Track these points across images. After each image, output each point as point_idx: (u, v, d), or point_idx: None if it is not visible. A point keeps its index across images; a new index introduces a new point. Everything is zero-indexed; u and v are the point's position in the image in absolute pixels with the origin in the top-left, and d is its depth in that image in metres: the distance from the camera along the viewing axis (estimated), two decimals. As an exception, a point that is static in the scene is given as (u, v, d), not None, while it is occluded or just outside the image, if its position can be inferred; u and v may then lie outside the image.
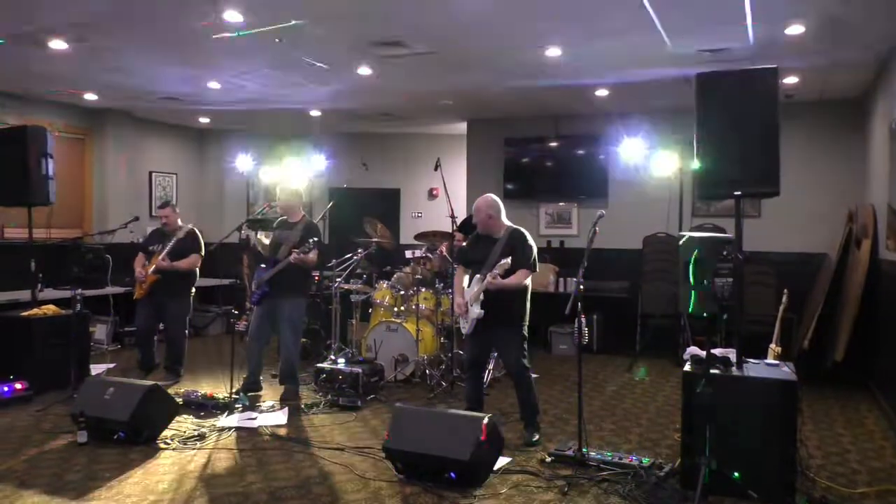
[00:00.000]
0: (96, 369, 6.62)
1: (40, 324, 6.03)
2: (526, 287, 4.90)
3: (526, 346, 4.93)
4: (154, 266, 6.32)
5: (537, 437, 4.84)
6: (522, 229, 4.98)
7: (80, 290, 6.06)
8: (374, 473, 4.20)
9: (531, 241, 4.91)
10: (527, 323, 4.96)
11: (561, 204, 9.08)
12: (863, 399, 6.08)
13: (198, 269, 6.63)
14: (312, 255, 5.72)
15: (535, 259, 4.88)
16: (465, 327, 4.94)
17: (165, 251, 6.33)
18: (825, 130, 7.84)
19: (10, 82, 7.48)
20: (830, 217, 7.55)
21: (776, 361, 4.22)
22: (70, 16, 5.15)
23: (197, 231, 6.64)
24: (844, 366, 5.98)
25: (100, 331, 8.01)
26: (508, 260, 4.63)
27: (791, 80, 6.76)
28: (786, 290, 5.24)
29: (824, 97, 7.63)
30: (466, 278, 5.03)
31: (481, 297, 4.76)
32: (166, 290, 6.37)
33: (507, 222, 5.00)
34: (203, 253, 6.56)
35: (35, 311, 6.13)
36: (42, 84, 7.54)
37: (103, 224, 8.66)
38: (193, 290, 6.66)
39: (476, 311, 4.78)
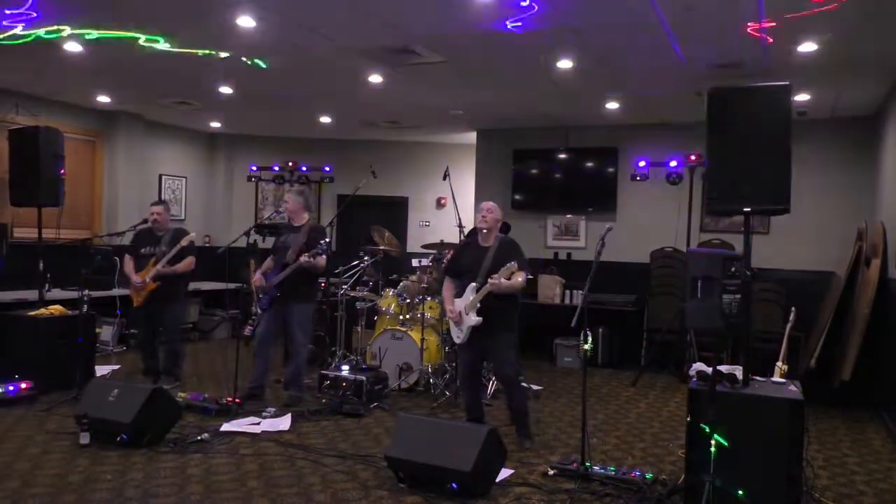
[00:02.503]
0: (101, 370, 6.63)
1: (47, 324, 6.06)
2: (519, 294, 4.97)
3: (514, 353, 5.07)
4: (154, 272, 6.16)
5: (529, 443, 4.92)
6: (512, 237, 5.14)
7: (87, 291, 6.06)
8: (376, 482, 4.18)
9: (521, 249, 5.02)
10: (516, 330, 5.08)
11: (569, 216, 9.06)
12: (870, 420, 6.03)
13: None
14: (321, 260, 5.72)
15: (528, 267, 4.95)
16: (459, 336, 4.98)
17: (167, 258, 6.16)
18: (836, 148, 7.82)
19: (24, 83, 7.54)
20: (840, 235, 7.51)
21: (783, 380, 4.19)
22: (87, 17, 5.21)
23: (193, 237, 6.49)
24: (852, 386, 5.93)
25: (106, 332, 8.03)
26: (515, 263, 4.66)
27: (803, 97, 6.75)
28: (793, 308, 5.20)
29: (836, 114, 7.61)
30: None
31: (478, 304, 4.80)
32: (162, 295, 6.22)
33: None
34: (195, 254, 6.42)
35: (42, 310, 6.16)
36: (56, 85, 7.61)
37: (112, 226, 8.70)
38: (186, 291, 6.58)
39: (473, 318, 4.80)
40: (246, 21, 5.09)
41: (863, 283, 6.31)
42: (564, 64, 5.94)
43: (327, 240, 5.74)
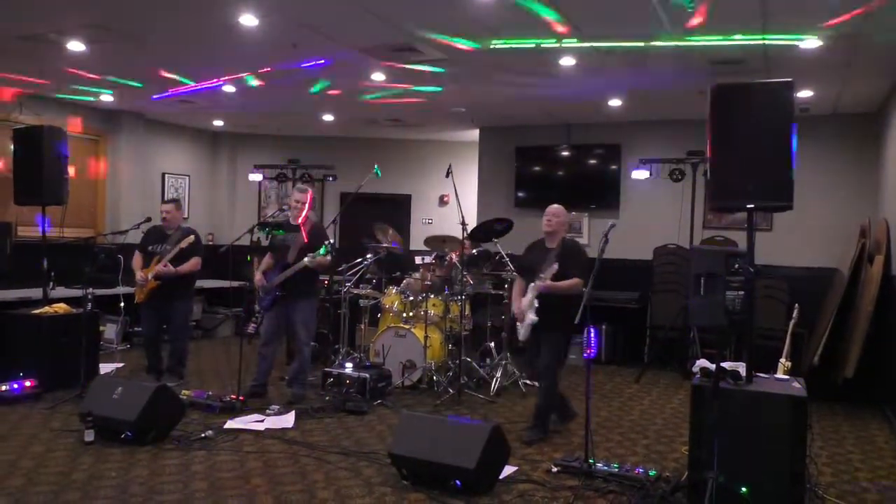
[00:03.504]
0: (105, 368, 6.65)
1: (51, 322, 6.07)
2: (579, 295, 4.96)
3: (562, 355, 5.19)
4: (155, 272, 6.15)
5: (530, 437, 5.01)
6: (577, 240, 5.18)
7: (91, 290, 6.08)
8: (380, 479, 4.19)
9: (584, 252, 5.13)
10: (571, 332, 5.14)
11: (571, 213, 9.02)
12: (873, 416, 6.02)
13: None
14: (327, 259, 5.72)
15: (587, 269, 4.94)
16: (522, 333, 5.13)
17: (168, 258, 6.15)
18: (839, 144, 7.80)
19: (27, 83, 7.55)
20: (843, 232, 7.49)
21: (786, 376, 4.19)
22: (91, 16, 5.21)
23: (199, 235, 6.48)
24: (855, 382, 5.92)
25: (109, 330, 8.05)
26: (556, 265, 4.80)
27: (806, 93, 6.74)
28: (797, 305, 5.21)
29: (839, 111, 7.59)
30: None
31: (535, 303, 4.95)
32: (168, 293, 6.22)
33: (565, 234, 5.25)
34: (202, 255, 6.41)
35: (46, 309, 6.17)
36: (59, 85, 7.61)
37: (116, 224, 8.72)
38: (194, 291, 6.58)
39: (531, 317, 4.98)
40: (248, 20, 5.09)
41: (866, 280, 6.30)
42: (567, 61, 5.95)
43: (331, 241, 5.74)
